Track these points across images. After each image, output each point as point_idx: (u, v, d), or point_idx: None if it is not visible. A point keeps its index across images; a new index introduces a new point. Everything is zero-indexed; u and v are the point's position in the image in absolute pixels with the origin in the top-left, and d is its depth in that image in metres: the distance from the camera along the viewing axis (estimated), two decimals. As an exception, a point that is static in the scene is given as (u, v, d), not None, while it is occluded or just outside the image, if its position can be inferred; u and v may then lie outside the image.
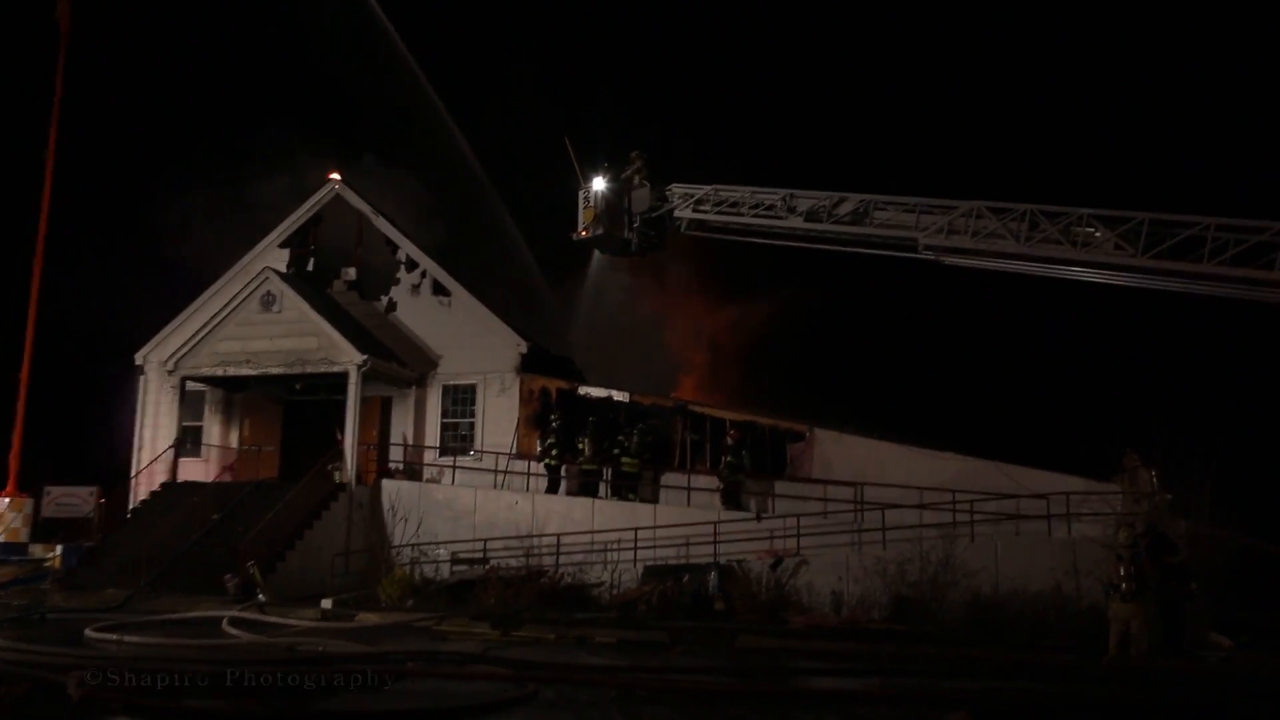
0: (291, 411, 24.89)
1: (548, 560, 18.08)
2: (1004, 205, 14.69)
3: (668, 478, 20.34)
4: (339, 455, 21.18)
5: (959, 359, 35.60)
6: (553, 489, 20.46)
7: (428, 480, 22.04)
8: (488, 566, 18.23)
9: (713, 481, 19.48)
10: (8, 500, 23.03)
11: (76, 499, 23.16)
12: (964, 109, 48.25)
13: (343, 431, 21.21)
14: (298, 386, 23.21)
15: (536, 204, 40.57)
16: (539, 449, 20.96)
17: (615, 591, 17.15)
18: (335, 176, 24.93)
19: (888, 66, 50.30)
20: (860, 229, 16.36)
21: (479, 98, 55.42)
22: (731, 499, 18.89)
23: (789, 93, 55.87)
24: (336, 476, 21.00)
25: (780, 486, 19.20)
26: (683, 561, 17.24)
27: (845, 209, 16.49)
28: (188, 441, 23.34)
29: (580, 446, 20.57)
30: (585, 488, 20.39)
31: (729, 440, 19.31)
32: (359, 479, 21.16)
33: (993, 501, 16.17)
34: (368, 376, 21.39)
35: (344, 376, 21.27)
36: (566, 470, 20.71)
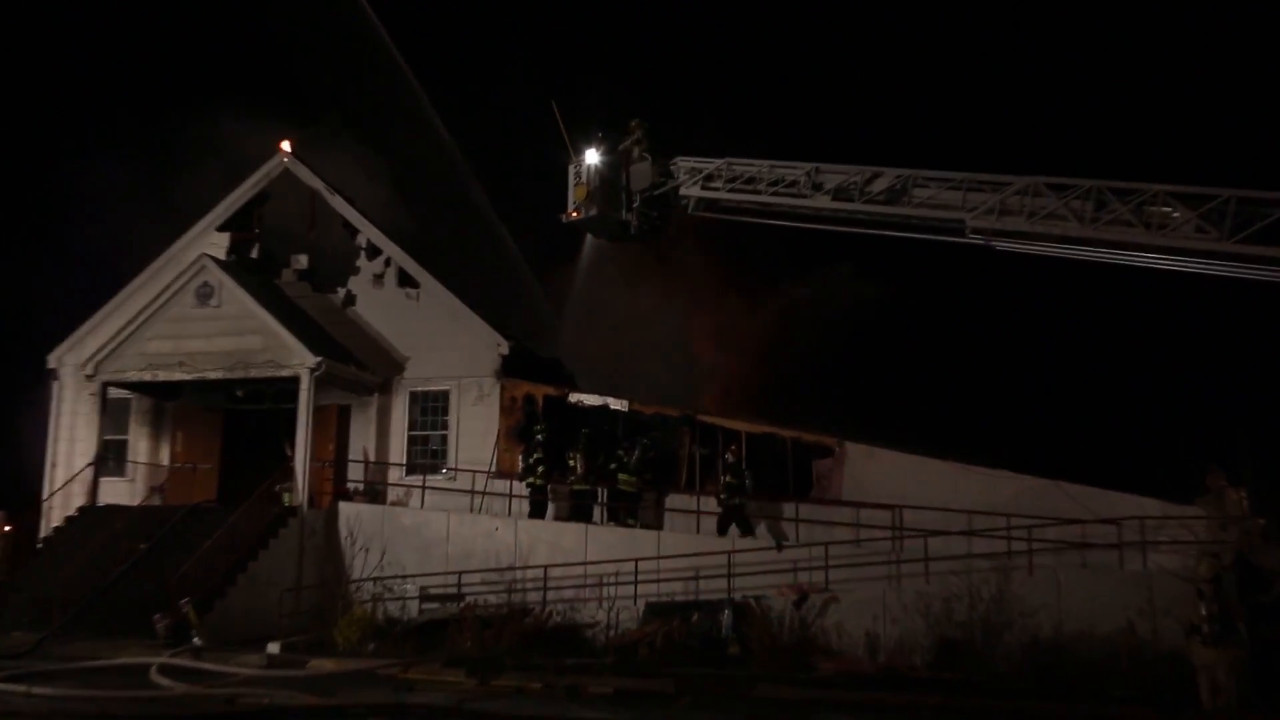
0: (232, 423, 24.82)
1: (533, 596, 18.08)
2: (1065, 181, 14.66)
3: (673, 499, 20.31)
4: (288, 474, 21.10)
5: (1013, 362, 35.51)
6: (538, 513, 20.43)
7: (393, 503, 22.00)
8: (463, 604, 18.28)
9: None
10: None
11: (-22, 526, 23.07)
12: (996, 76, 48.24)
13: (293, 446, 21.14)
14: (240, 394, 23.17)
15: (521, 184, 40.58)
16: (522, 466, 20.92)
17: (612, 633, 17.16)
18: (285, 147, 24.75)
19: (914, 28, 50.38)
20: (897, 209, 16.34)
21: (454, 62, 55.44)
22: (738, 524, 18.69)
23: (806, 55, 55.91)
24: (286, 499, 20.92)
25: (805, 510, 19.16)
26: (691, 598, 17.21)
27: (879, 186, 16.49)
28: (110, 458, 23.22)
29: (571, 463, 20.50)
30: (577, 511, 20.33)
31: (729, 457, 19.19)
32: (312, 502, 21.10)
33: (1054, 528, 16.14)
34: (322, 382, 21.32)
35: (294, 382, 21.20)
36: (554, 491, 20.67)
